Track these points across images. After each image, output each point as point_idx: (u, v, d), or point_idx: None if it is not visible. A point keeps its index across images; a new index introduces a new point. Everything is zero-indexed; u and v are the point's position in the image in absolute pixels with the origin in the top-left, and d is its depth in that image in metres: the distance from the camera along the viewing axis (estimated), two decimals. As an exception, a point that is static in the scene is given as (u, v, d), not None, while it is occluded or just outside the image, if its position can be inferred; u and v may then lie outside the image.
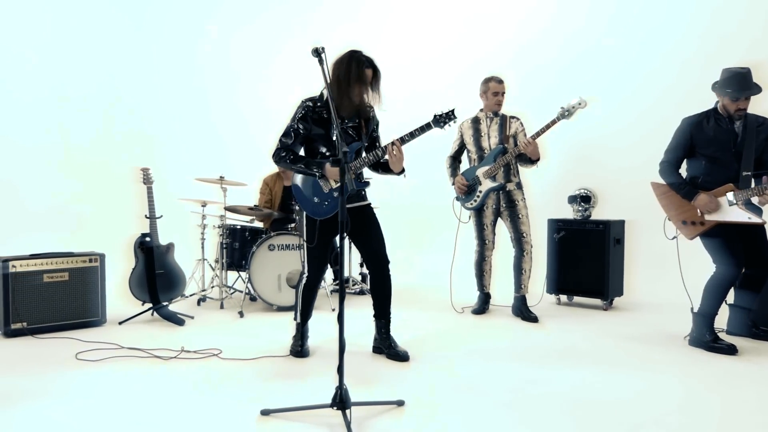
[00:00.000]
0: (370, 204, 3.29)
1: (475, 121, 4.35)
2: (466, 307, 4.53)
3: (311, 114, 3.10)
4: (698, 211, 3.34)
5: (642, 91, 5.36)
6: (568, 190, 4.94)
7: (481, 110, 4.37)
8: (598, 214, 4.83)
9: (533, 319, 4.16)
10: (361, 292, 5.23)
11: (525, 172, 4.42)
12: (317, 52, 2.57)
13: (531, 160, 4.14)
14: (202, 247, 4.93)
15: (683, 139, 3.43)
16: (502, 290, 4.68)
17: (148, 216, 4.22)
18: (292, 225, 4.87)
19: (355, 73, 2.95)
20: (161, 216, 4.27)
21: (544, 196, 5.25)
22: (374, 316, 3.31)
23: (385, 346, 3.24)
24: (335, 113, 2.59)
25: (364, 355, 3.29)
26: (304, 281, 3.27)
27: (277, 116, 6.65)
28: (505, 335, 3.77)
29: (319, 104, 3.11)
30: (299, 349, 3.24)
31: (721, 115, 3.36)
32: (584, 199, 4.73)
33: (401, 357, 3.15)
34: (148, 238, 4.19)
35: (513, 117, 4.33)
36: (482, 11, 6.26)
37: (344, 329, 2.31)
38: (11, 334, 3.65)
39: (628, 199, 5.15)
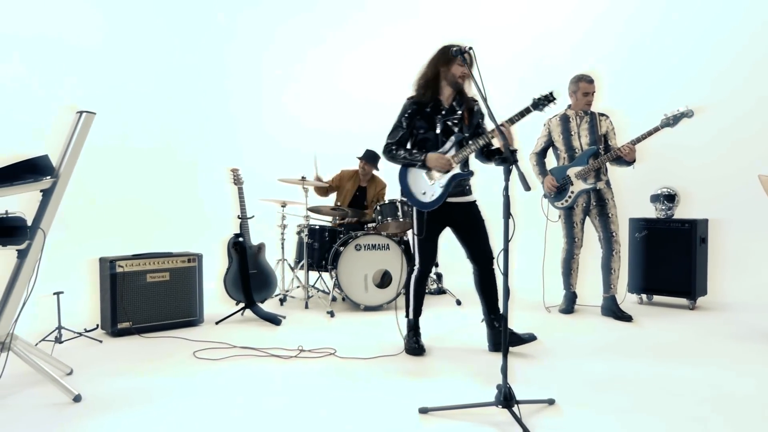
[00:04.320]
0: (475, 201, 3.32)
1: (565, 120, 4.32)
2: (551, 306, 4.52)
3: (415, 110, 3.18)
4: None
5: (723, 88, 5.34)
6: (645, 188, 4.91)
7: (569, 107, 4.35)
8: (677, 212, 4.80)
9: (627, 318, 4.14)
10: (439, 291, 5.22)
11: (610, 170, 4.40)
12: (459, 52, 2.57)
13: (627, 162, 4.12)
14: (282, 247, 4.95)
15: None
16: (582, 290, 4.64)
17: (240, 216, 4.24)
18: (371, 225, 4.88)
19: (442, 65, 3.06)
20: (253, 216, 4.30)
21: (622, 195, 5.22)
22: (483, 314, 3.35)
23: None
24: (489, 110, 2.56)
25: (480, 352, 3.29)
26: (414, 274, 3.28)
27: (350, 115, 6.81)
28: (607, 334, 3.75)
29: (422, 98, 3.17)
30: (416, 346, 3.25)
31: None
32: (668, 198, 4.70)
33: (525, 340, 3.21)
34: (240, 239, 4.21)
35: (602, 114, 4.31)
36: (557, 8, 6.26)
37: (507, 329, 2.29)
38: (118, 333, 3.69)
39: (706, 197, 5.13)
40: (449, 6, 6.77)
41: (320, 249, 4.91)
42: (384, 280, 4.58)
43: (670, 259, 4.60)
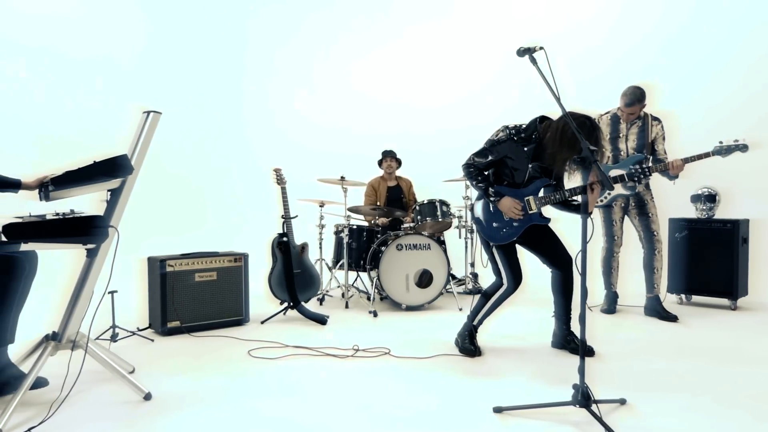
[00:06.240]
0: (549, 220, 3.29)
1: (615, 120, 4.26)
2: (591, 306, 4.50)
3: (510, 142, 3.10)
4: None
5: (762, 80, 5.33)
6: (683, 188, 4.87)
7: (620, 109, 4.28)
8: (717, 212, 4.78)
9: (673, 318, 4.13)
10: (477, 291, 5.21)
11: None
12: (529, 51, 2.54)
13: (670, 175, 4.05)
14: (320, 247, 4.96)
15: None
16: (620, 289, 4.61)
17: (284, 216, 4.25)
18: (407, 225, 4.89)
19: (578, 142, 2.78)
20: (296, 216, 4.31)
21: (661, 196, 5.21)
22: (555, 312, 3.37)
23: (568, 341, 3.30)
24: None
25: (533, 351, 3.29)
26: (501, 291, 3.24)
27: (384, 118, 6.83)
28: (657, 334, 3.73)
29: (523, 135, 3.09)
30: (471, 348, 3.25)
31: None
32: (709, 198, 4.68)
33: (587, 352, 3.16)
34: (285, 238, 4.22)
35: (655, 119, 4.21)
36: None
37: (585, 331, 2.28)
38: (168, 332, 3.71)
39: (745, 197, 5.10)
40: (481, 5, 6.77)
41: (358, 249, 4.92)
42: (422, 279, 4.57)
43: (712, 259, 4.58)
